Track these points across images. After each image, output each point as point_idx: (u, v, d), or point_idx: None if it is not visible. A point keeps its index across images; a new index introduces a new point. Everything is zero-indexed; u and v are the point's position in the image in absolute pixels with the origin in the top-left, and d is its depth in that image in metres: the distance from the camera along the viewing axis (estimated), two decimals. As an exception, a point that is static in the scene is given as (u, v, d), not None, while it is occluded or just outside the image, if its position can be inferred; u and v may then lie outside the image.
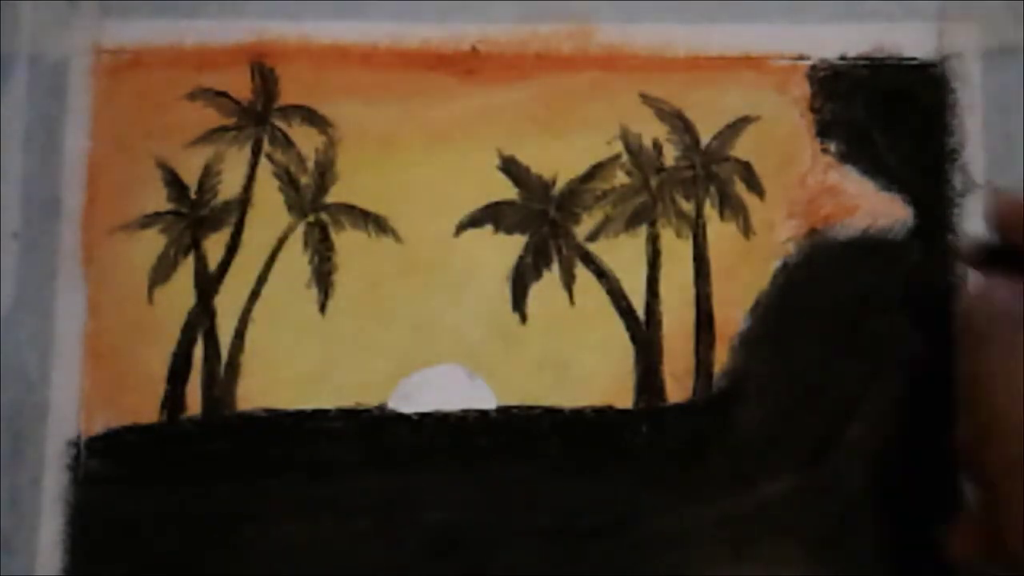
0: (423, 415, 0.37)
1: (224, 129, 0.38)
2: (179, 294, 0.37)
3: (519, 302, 0.37)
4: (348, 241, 0.38)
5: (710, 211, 0.38)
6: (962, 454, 0.32)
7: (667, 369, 0.37)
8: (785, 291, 0.37)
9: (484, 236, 0.38)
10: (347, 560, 0.36)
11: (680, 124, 0.38)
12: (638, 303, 0.37)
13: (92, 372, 0.37)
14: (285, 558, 0.36)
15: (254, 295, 0.37)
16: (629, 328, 0.37)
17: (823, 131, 0.38)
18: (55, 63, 0.38)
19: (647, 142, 0.38)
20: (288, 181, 0.38)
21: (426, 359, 0.37)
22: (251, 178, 0.38)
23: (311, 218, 0.38)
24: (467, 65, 0.39)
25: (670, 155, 0.38)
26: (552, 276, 0.38)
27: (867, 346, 0.37)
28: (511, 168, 0.38)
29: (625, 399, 0.37)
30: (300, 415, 0.37)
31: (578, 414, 0.37)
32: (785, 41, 0.39)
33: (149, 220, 0.38)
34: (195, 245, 0.38)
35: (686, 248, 0.38)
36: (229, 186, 0.38)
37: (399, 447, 0.36)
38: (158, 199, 0.38)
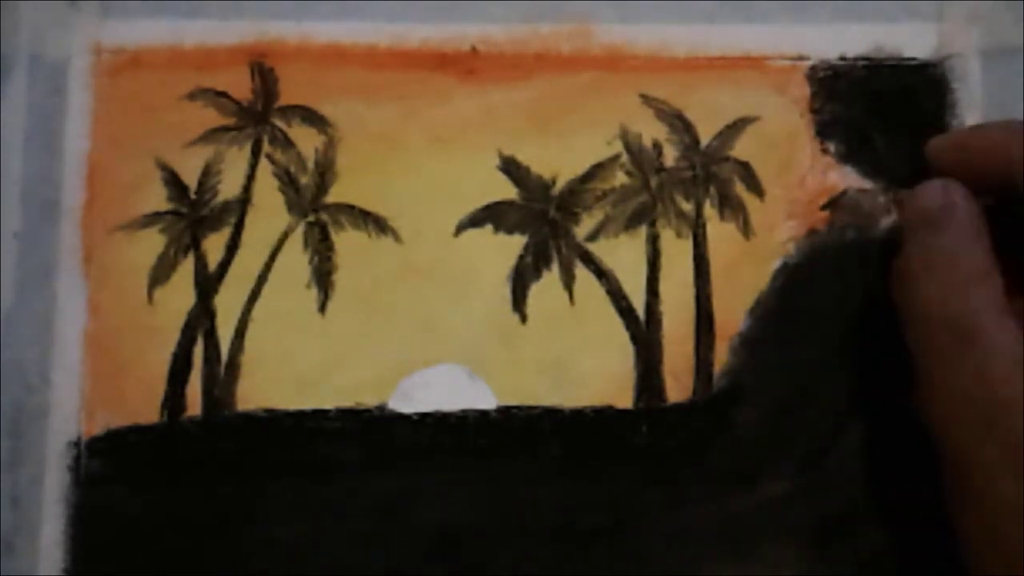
0: (423, 415, 0.37)
1: (224, 129, 0.38)
2: (179, 294, 0.37)
3: (519, 302, 0.37)
4: (348, 241, 0.38)
5: (710, 211, 0.38)
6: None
7: (667, 369, 0.37)
8: (785, 291, 0.37)
9: (484, 236, 0.38)
10: (347, 560, 0.36)
11: (680, 124, 0.38)
12: (638, 303, 0.37)
13: (92, 372, 0.37)
14: (285, 558, 0.36)
15: (254, 295, 0.37)
16: (629, 328, 0.37)
17: (823, 131, 0.38)
18: (55, 63, 0.38)
19: (647, 142, 0.38)
20: (288, 181, 0.38)
21: (426, 359, 0.37)
22: (251, 178, 0.38)
23: (311, 218, 0.38)
24: (467, 65, 0.39)
25: (670, 155, 0.38)
26: (552, 276, 0.38)
27: (867, 346, 0.37)
28: (511, 168, 0.38)
29: (625, 399, 0.37)
30: (300, 415, 0.37)
31: (578, 414, 0.37)
32: (785, 41, 0.39)
33: (149, 220, 0.38)
34: (195, 245, 0.38)
35: (686, 248, 0.38)
36: (229, 186, 0.38)
37: (399, 447, 0.36)
38: (158, 199, 0.38)
